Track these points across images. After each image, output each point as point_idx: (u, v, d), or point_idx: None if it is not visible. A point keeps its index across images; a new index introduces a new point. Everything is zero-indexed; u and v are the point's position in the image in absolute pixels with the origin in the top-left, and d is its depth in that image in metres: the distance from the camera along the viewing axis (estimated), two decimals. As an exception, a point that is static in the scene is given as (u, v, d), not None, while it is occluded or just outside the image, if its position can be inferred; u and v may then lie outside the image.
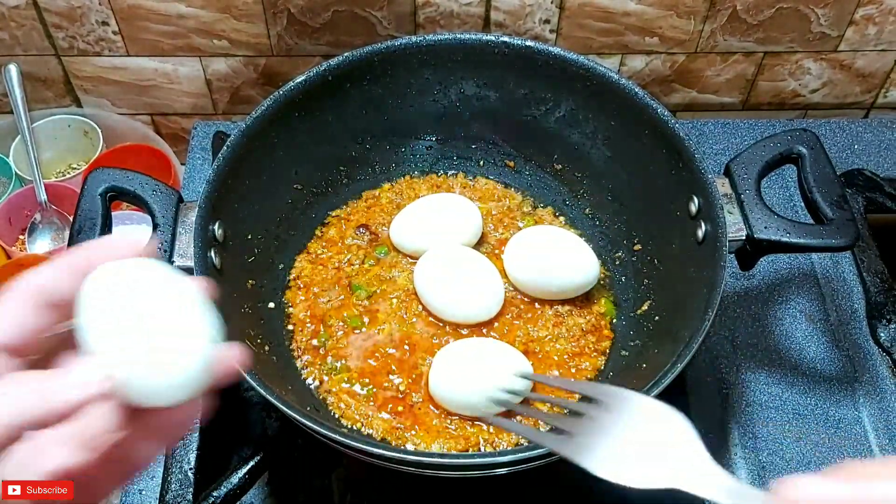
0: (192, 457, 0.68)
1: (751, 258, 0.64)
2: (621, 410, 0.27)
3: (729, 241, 0.60)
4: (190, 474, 0.67)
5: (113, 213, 0.64)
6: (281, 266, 0.73)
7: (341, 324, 0.70)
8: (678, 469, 0.24)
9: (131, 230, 0.81)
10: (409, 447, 0.63)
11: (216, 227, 0.63)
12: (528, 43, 0.70)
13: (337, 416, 0.66)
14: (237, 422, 0.72)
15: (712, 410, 0.72)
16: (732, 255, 0.64)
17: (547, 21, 0.86)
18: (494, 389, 0.32)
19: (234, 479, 0.64)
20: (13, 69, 0.84)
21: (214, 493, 0.63)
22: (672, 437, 0.25)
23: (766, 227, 0.62)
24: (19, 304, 0.35)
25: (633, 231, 0.73)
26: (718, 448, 0.70)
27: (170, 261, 0.61)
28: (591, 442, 0.26)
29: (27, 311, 0.35)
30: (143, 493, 0.68)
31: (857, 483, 0.23)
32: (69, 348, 0.37)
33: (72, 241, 0.61)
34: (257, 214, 0.70)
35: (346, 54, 0.69)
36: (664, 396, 0.52)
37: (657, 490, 0.23)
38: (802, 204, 0.67)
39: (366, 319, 0.70)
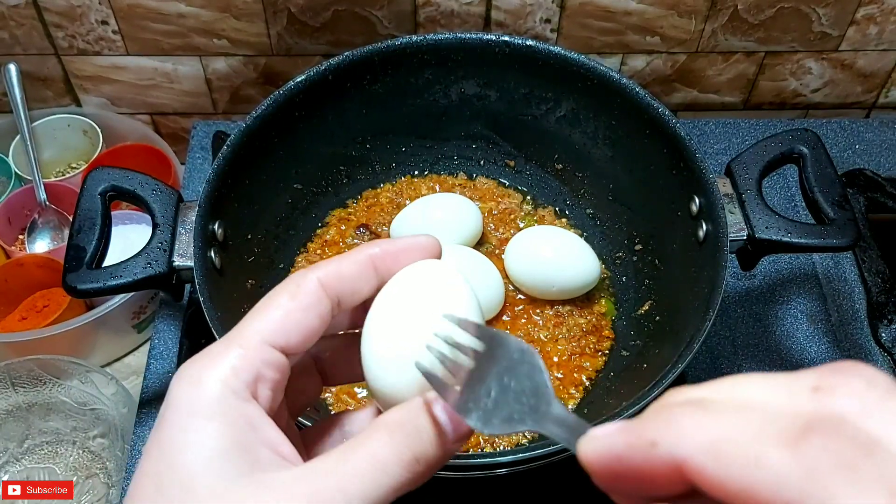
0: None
1: (752, 258, 0.64)
2: (494, 356, 0.29)
3: (730, 241, 0.60)
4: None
5: (113, 213, 0.63)
6: (281, 266, 0.73)
7: (341, 324, 0.70)
8: (527, 413, 0.27)
9: (131, 230, 0.81)
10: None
11: (216, 226, 0.63)
12: (529, 42, 0.69)
13: (337, 416, 0.66)
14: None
15: (713, 411, 0.72)
16: (733, 256, 0.64)
17: (548, 20, 0.85)
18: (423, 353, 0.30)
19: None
20: (13, 68, 0.84)
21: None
22: (527, 381, 0.28)
23: (767, 227, 0.62)
24: (311, 302, 0.30)
25: (633, 231, 0.73)
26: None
27: (170, 261, 0.61)
28: (473, 398, 0.28)
29: (318, 312, 0.30)
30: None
31: (634, 428, 0.22)
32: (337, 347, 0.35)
33: (71, 241, 0.61)
34: (257, 214, 0.70)
35: (346, 54, 0.69)
36: (665, 397, 0.52)
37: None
38: (804, 204, 0.67)
39: (366, 319, 0.70)
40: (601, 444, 0.23)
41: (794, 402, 0.20)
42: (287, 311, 0.30)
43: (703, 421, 0.21)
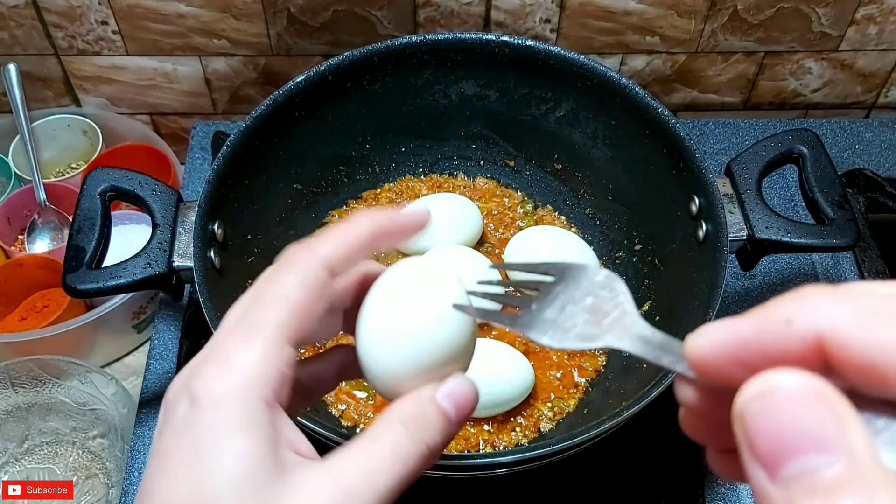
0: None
1: (752, 258, 0.64)
2: (568, 280, 0.28)
3: (730, 241, 0.60)
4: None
5: (112, 213, 0.63)
6: (281, 266, 0.73)
7: (341, 324, 0.70)
8: (607, 329, 0.25)
9: (131, 230, 0.81)
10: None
11: (216, 226, 0.63)
12: (529, 42, 0.69)
13: (336, 416, 0.66)
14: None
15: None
16: (733, 256, 0.64)
17: (547, 20, 0.85)
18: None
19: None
20: (12, 69, 0.84)
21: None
22: (607, 301, 0.26)
23: (767, 228, 0.62)
24: (321, 293, 0.30)
25: (633, 231, 0.73)
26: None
27: (169, 261, 0.61)
28: (537, 316, 0.27)
29: (326, 300, 0.31)
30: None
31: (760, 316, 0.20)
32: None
33: (71, 241, 0.61)
34: (257, 214, 0.70)
35: (345, 54, 0.69)
36: (666, 397, 0.52)
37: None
38: (803, 204, 0.67)
39: (366, 319, 0.70)
40: (721, 333, 0.20)
41: None
42: (299, 305, 0.30)
43: (841, 299, 0.19)
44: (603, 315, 0.26)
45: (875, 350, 0.18)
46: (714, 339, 0.21)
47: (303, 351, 0.61)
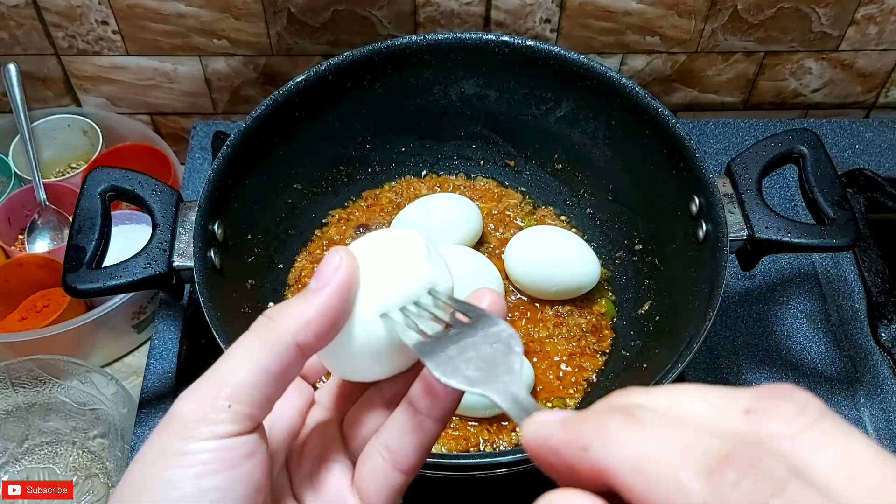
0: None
1: (752, 258, 0.64)
2: (477, 328, 0.30)
3: (730, 241, 0.60)
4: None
5: (112, 213, 0.63)
6: (281, 266, 0.73)
7: (341, 324, 0.70)
8: (491, 381, 0.28)
9: (131, 230, 0.81)
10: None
11: (216, 226, 0.63)
12: (529, 42, 0.69)
13: (337, 416, 0.66)
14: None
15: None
16: (733, 255, 0.64)
17: (547, 20, 0.85)
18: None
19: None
20: (12, 69, 0.84)
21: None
22: (500, 356, 0.29)
23: (767, 227, 0.62)
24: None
25: (633, 231, 0.73)
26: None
27: (170, 261, 0.61)
28: (441, 349, 0.30)
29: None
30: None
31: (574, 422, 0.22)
32: None
33: (71, 241, 0.61)
34: (257, 214, 0.70)
35: (346, 54, 0.69)
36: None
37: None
38: (803, 204, 0.67)
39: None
40: (542, 434, 0.23)
41: (725, 421, 0.21)
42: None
43: (632, 433, 0.21)
44: (492, 367, 0.28)
45: (644, 495, 0.20)
46: (537, 437, 0.23)
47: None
